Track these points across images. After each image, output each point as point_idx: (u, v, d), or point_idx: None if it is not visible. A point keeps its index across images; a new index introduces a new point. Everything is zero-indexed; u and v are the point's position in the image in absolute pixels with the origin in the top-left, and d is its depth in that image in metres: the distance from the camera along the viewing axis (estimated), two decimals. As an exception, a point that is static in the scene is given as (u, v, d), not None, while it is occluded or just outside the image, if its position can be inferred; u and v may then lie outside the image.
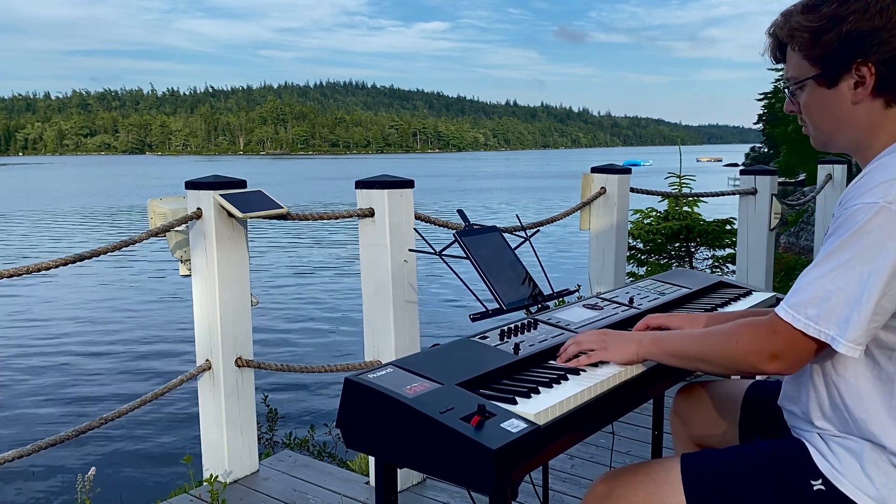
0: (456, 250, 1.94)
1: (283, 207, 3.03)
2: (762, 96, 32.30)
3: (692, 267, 7.77)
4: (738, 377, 2.21)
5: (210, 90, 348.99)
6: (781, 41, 1.41)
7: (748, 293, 2.28)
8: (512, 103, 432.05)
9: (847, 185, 1.28)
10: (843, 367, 1.33)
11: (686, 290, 2.25)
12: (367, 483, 3.14)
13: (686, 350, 1.45)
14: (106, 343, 10.74)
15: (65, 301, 13.77)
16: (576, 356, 1.57)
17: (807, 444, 1.40)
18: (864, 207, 1.21)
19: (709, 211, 8.17)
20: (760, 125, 34.98)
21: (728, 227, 7.74)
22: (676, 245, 7.86)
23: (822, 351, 1.29)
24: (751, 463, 1.42)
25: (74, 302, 13.70)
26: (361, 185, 3.06)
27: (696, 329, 1.53)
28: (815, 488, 1.35)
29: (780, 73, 1.48)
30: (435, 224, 3.45)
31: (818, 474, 1.35)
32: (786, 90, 1.45)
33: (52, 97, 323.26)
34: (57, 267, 2.58)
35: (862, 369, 1.32)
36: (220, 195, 2.92)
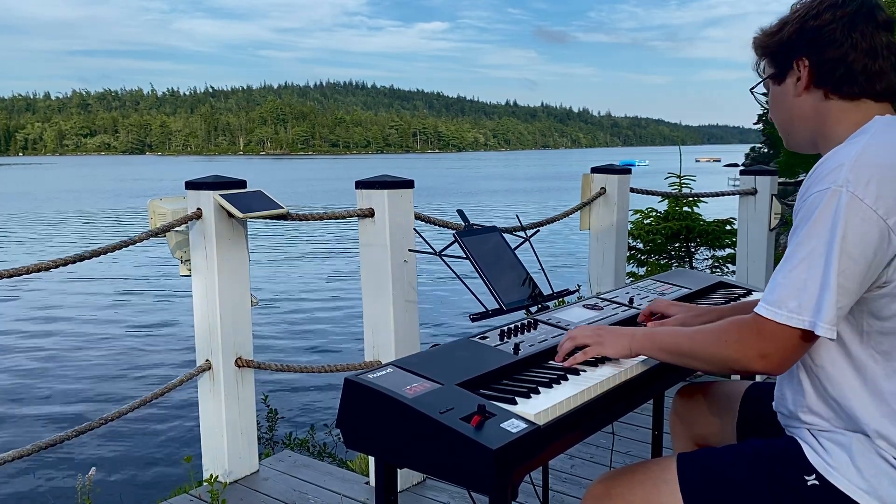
0: (456, 250, 1.94)
1: (283, 207, 3.03)
2: (763, 96, 32.30)
3: (692, 267, 7.77)
4: (738, 377, 2.22)
5: (210, 90, 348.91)
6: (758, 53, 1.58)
7: (748, 293, 2.28)
8: (512, 103, 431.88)
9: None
10: (820, 356, 1.38)
11: (686, 290, 2.25)
12: (367, 483, 3.14)
13: (678, 347, 1.47)
14: (106, 343, 10.74)
15: (64, 301, 13.76)
16: (572, 352, 1.58)
17: (799, 440, 1.42)
18: (817, 195, 1.29)
19: (709, 211, 8.17)
20: (760, 125, 34.94)
21: (728, 227, 7.73)
22: (676, 245, 7.86)
23: (810, 346, 1.33)
24: (746, 461, 1.43)
25: (74, 302, 13.69)
26: (361, 185, 3.05)
27: (688, 327, 1.54)
28: (809, 483, 1.36)
29: None
30: (435, 224, 3.45)
31: (811, 470, 1.37)
32: (755, 95, 1.62)
33: (52, 97, 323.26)
34: (57, 267, 2.58)
35: (835, 356, 1.36)
36: (220, 195, 2.92)
